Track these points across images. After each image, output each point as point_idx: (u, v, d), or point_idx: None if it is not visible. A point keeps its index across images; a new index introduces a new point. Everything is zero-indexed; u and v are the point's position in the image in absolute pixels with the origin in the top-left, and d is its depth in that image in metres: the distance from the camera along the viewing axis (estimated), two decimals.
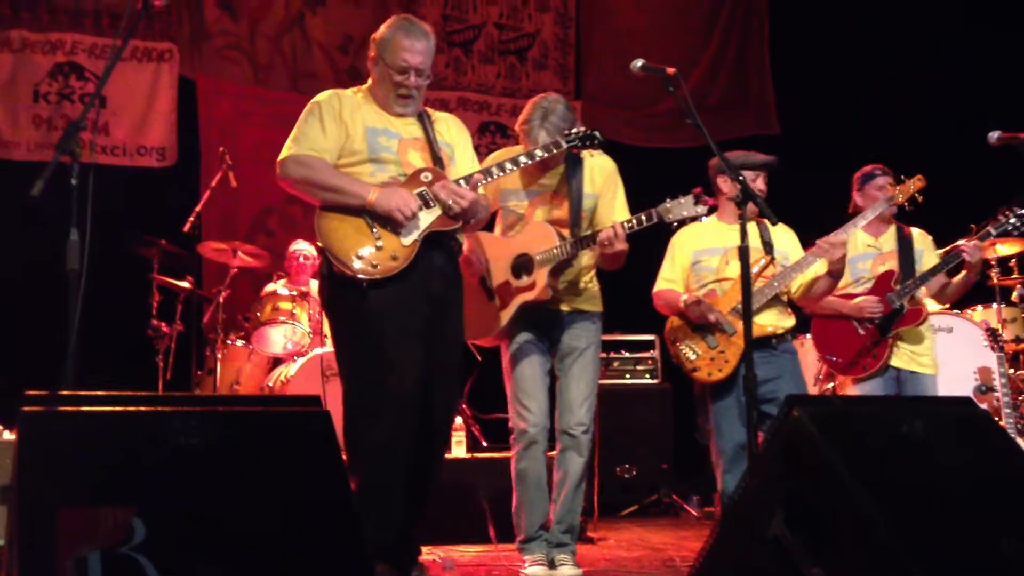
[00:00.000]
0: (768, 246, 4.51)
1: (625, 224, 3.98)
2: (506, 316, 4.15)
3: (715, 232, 4.55)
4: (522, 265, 4.15)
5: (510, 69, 8.75)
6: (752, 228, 4.52)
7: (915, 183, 4.74)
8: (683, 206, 3.97)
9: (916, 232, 5.00)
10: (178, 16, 7.56)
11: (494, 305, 4.20)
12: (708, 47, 9.01)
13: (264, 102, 7.91)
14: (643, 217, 4.00)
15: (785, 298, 4.57)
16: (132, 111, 7.41)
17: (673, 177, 4.26)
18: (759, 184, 4.50)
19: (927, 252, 4.99)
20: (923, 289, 4.89)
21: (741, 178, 3.58)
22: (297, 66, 8.04)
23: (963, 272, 4.82)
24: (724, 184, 4.55)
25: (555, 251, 4.08)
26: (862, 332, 4.80)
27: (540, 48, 8.86)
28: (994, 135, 4.53)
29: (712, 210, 4.20)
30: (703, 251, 4.55)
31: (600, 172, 4.28)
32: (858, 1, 8.31)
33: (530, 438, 4.12)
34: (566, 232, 4.14)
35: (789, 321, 4.53)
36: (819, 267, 4.49)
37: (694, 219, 4.05)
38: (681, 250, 4.61)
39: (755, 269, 4.40)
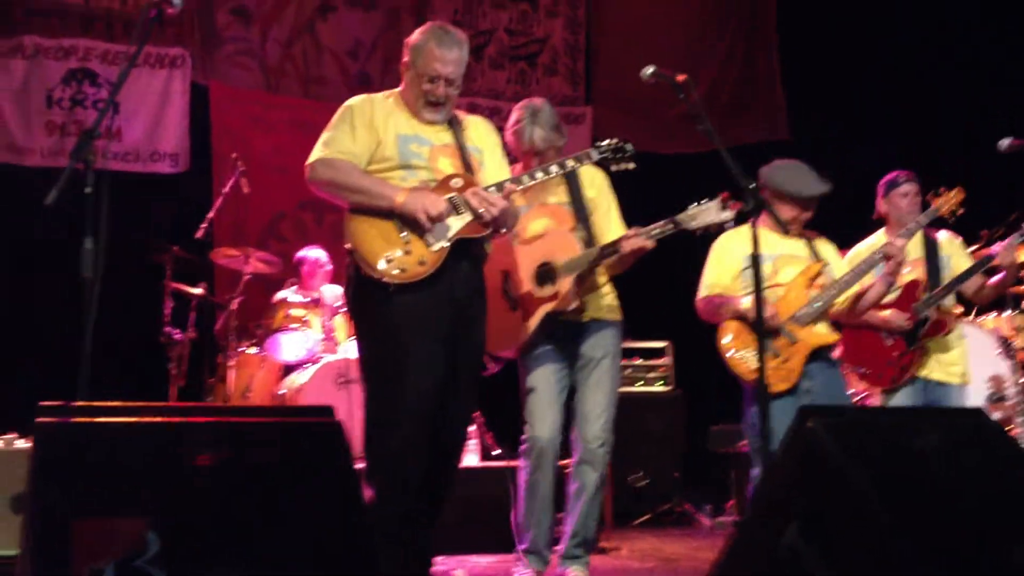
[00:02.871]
0: (816, 254, 4.45)
1: (651, 231, 3.95)
2: (531, 326, 4.10)
3: (762, 237, 4.04)
4: (545, 274, 4.11)
5: (520, 75, 8.75)
6: (799, 240, 4.49)
7: (956, 195, 4.70)
8: (708, 212, 3.89)
9: (944, 237, 4.95)
10: (190, 22, 7.57)
11: (517, 315, 4.15)
12: (718, 53, 9.00)
13: (275, 108, 7.93)
14: (668, 224, 3.94)
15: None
16: (144, 117, 7.43)
17: (685, 183, 4.27)
18: (805, 215, 4.43)
19: (955, 256, 4.94)
20: (951, 297, 4.86)
21: (754, 186, 3.57)
22: (308, 72, 8.06)
23: (999, 275, 4.78)
24: (767, 192, 4.44)
25: (581, 260, 4.04)
26: (890, 343, 4.76)
27: (550, 53, 8.86)
28: (1004, 142, 4.52)
29: (738, 215, 3.97)
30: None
31: (593, 182, 4.27)
32: (868, 5, 8.29)
33: (540, 449, 4.10)
34: None
35: (836, 332, 4.46)
36: (868, 278, 4.48)
37: (720, 226, 3.94)
38: (730, 254, 4.45)
39: (808, 271, 4.35)
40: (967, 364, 4.86)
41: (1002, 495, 2.82)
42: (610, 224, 4.25)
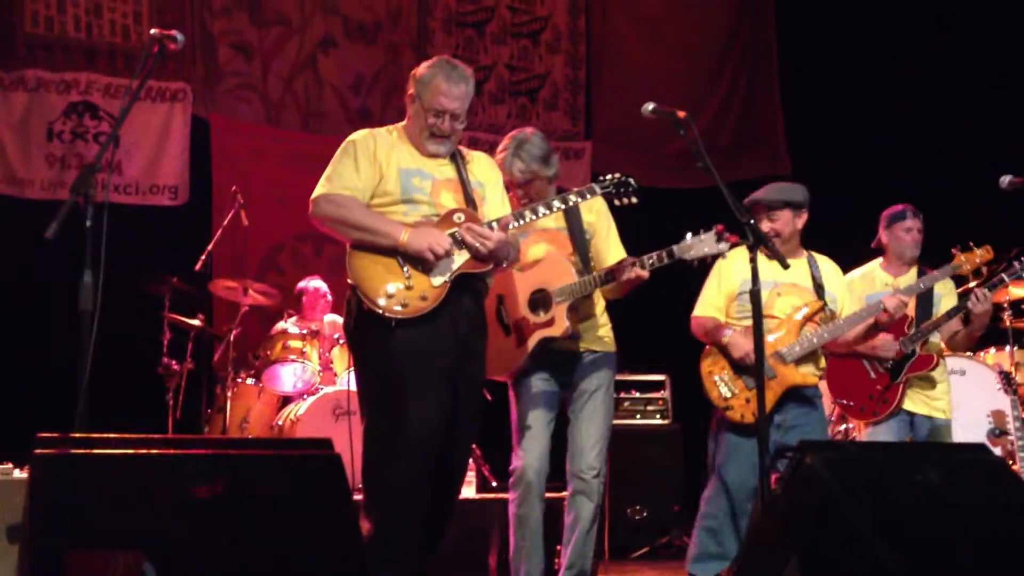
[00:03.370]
0: (820, 289, 4.44)
1: (646, 261, 3.97)
2: (524, 353, 4.10)
3: (766, 263, 4.09)
4: (540, 300, 4.11)
5: (521, 109, 8.80)
6: (803, 266, 4.50)
7: (982, 255, 4.69)
8: (704, 243, 3.91)
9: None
10: (192, 56, 7.61)
11: (511, 341, 4.15)
12: (718, 88, 9.06)
13: (276, 141, 7.96)
14: (663, 255, 3.95)
15: None
16: (145, 150, 7.45)
17: (686, 218, 4.27)
18: (785, 218, 4.45)
19: (946, 296, 4.96)
20: (937, 334, 4.87)
21: (752, 221, 3.59)
22: (309, 106, 8.10)
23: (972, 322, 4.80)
24: (771, 219, 4.47)
25: (575, 287, 4.04)
26: (874, 376, 4.79)
27: (551, 89, 8.91)
28: (1005, 180, 4.52)
29: (734, 246, 4.04)
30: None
31: (591, 206, 4.24)
32: (868, 37, 8.36)
33: (527, 482, 4.08)
34: None
35: (822, 368, 4.49)
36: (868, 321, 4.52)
37: (716, 257, 3.97)
38: (729, 277, 4.47)
39: (804, 311, 4.35)
40: (949, 400, 4.88)
41: (1005, 531, 2.81)
42: (610, 247, 4.26)
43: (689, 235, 3.96)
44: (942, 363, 4.86)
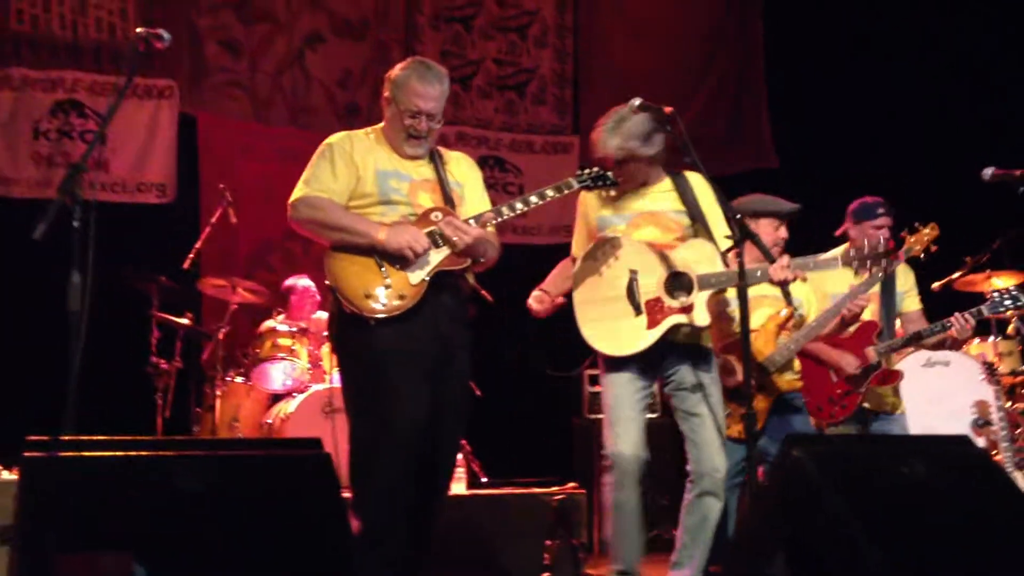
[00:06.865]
0: (787, 296, 4.36)
1: (799, 263, 3.84)
2: (654, 336, 3.88)
3: None
4: (679, 284, 3.91)
5: (508, 104, 8.79)
6: None
7: (929, 233, 4.63)
8: (870, 253, 3.86)
9: (900, 269, 4.88)
10: (178, 53, 7.57)
11: (640, 321, 3.91)
12: (706, 83, 9.06)
13: (264, 138, 7.95)
14: (828, 260, 3.86)
15: None
16: (132, 148, 7.43)
17: None
18: (782, 232, 4.46)
19: (908, 295, 4.92)
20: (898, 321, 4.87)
21: (738, 216, 3.60)
22: (297, 102, 8.09)
23: (947, 336, 4.71)
24: (754, 227, 4.43)
25: (724, 276, 3.85)
26: (835, 379, 4.73)
27: (538, 83, 8.90)
28: (988, 172, 4.53)
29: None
30: (729, 298, 4.30)
31: (705, 194, 4.05)
32: (856, 33, 8.38)
33: (623, 470, 3.93)
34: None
35: (797, 372, 4.48)
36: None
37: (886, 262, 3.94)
38: None
39: (777, 320, 4.37)
40: (899, 395, 4.84)
41: (988, 522, 2.83)
42: (716, 238, 4.02)
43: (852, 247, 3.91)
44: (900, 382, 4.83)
